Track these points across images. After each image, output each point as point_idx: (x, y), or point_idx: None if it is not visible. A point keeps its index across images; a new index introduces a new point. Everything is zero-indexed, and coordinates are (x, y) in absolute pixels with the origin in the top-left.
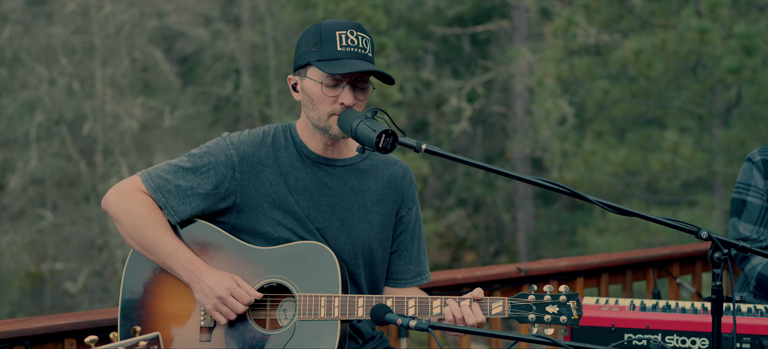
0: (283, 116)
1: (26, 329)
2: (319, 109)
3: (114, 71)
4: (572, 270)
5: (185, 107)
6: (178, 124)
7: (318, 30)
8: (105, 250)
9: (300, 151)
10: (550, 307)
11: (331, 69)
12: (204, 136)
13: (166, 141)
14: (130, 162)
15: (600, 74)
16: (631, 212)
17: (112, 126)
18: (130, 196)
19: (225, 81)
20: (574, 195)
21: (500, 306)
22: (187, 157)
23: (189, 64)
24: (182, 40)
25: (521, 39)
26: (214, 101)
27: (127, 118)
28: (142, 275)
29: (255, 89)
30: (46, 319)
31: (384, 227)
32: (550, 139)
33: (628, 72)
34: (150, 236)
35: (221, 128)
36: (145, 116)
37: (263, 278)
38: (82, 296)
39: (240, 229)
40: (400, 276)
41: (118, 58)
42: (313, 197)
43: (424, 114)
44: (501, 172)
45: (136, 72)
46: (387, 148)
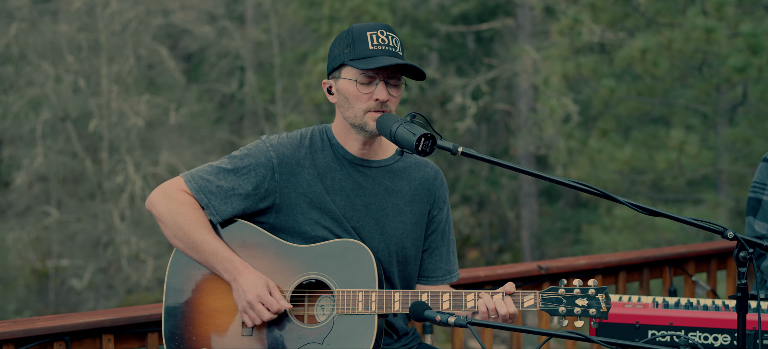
0: (288, 114)
1: (66, 326)
2: (354, 107)
3: (120, 69)
4: (591, 268)
5: (190, 105)
6: (183, 121)
7: (349, 33)
8: (110, 247)
9: (336, 152)
10: (580, 300)
11: (365, 65)
12: (209, 134)
13: (171, 138)
14: (136, 159)
15: (606, 73)
16: (659, 212)
17: (118, 123)
18: (174, 196)
19: (230, 78)
20: (604, 196)
21: (532, 299)
22: (228, 160)
23: (194, 62)
24: (187, 38)
25: (526, 37)
26: (218, 99)
27: (132, 115)
28: (185, 273)
29: (259, 86)
30: (85, 315)
31: (416, 226)
32: (555, 137)
33: (633, 70)
34: (193, 235)
35: (226, 126)
36: (150, 114)
37: (302, 274)
38: (88, 293)
39: (278, 228)
40: (431, 274)
41: (123, 56)
42: (348, 196)
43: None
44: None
45: (141, 69)
46: (426, 151)
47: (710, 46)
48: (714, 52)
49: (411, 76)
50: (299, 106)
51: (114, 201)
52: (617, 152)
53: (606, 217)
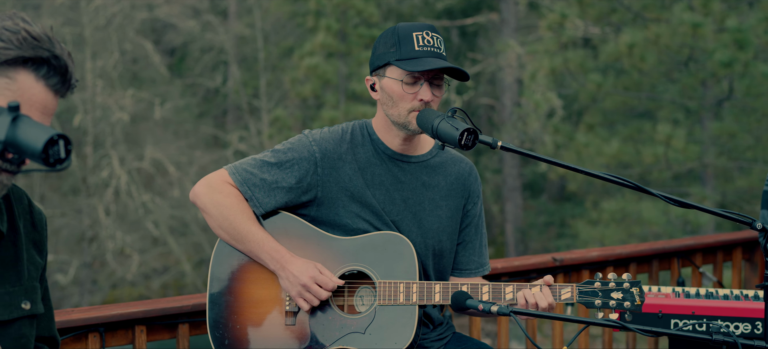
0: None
1: (100, 317)
2: (399, 106)
3: (104, 63)
4: (603, 260)
5: (174, 99)
6: (167, 115)
7: (395, 32)
8: (95, 242)
9: (377, 147)
10: (615, 293)
11: (412, 67)
12: (193, 128)
13: (156, 133)
14: (121, 154)
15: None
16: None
17: (103, 118)
18: (219, 188)
19: (214, 73)
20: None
21: (569, 292)
22: (272, 153)
23: (178, 56)
24: (171, 32)
25: (510, 32)
26: (202, 93)
27: (117, 110)
28: (229, 263)
29: (243, 81)
30: (119, 307)
31: (452, 220)
32: (539, 132)
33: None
34: (238, 225)
35: (210, 120)
36: (135, 108)
37: (345, 265)
38: (72, 288)
39: (320, 220)
40: (465, 267)
41: (108, 50)
42: (388, 191)
43: None
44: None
45: (126, 64)
46: (468, 145)
47: (697, 41)
48: (700, 47)
49: (454, 76)
50: (284, 100)
51: (99, 196)
52: (604, 146)
53: (592, 210)
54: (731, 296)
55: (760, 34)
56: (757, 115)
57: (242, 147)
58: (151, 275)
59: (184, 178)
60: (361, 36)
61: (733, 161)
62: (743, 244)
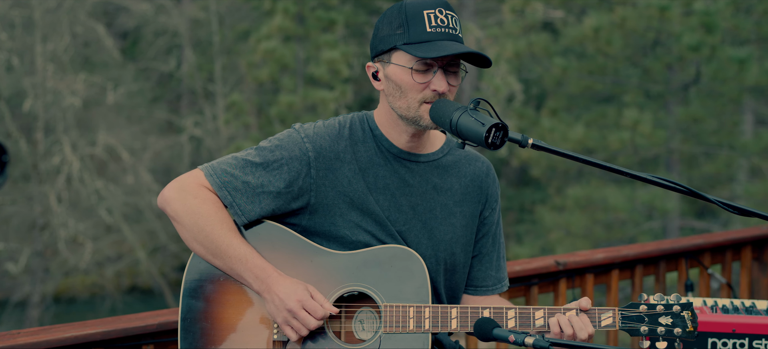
0: (229, 93)
1: (52, 341)
2: (408, 98)
3: (55, 46)
4: (609, 262)
5: (127, 83)
6: (120, 100)
7: (402, 10)
8: (47, 230)
9: (380, 145)
10: (663, 318)
11: (423, 52)
12: (147, 114)
13: (109, 118)
14: (73, 140)
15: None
16: (752, 211)
17: (54, 103)
18: (193, 192)
19: (167, 57)
20: (693, 195)
21: (610, 318)
22: (256, 151)
23: (131, 40)
24: (124, 15)
25: (469, 15)
26: (156, 77)
27: (68, 94)
28: (205, 283)
29: (198, 65)
30: (73, 327)
31: (467, 229)
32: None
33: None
34: (216, 238)
35: (163, 105)
36: (87, 93)
37: (343, 286)
38: (23, 277)
39: (313, 231)
40: (480, 283)
41: (58, 33)
42: (393, 196)
43: (370, 90)
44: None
45: (77, 47)
46: (496, 144)
47: (663, 24)
48: (667, 30)
49: (473, 62)
50: (240, 84)
51: (50, 183)
52: (569, 131)
53: (556, 197)
54: None
55: (728, 17)
56: (724, 100)
57: (197, 132)
58: (105, 263)
59: (138, 164)
60: (320, 19)
61: (699, 146)
62: (753, 242)
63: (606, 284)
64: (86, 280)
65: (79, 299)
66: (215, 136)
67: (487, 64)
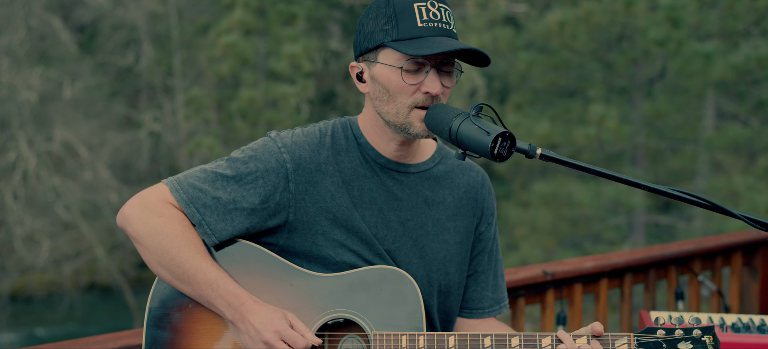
0: (189, 88)
1: None
2: (397, 102)
3: (10, 40)
4: (597, 271)
5: (85, 78)
6: (78, 95)
7: (389, 3)
8: (2, 227)
9: (365, 154)
10: (683, 344)
11: (415, 50)
12: (105, 109)
13: (66, 113)
14: (29, 135)
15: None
16: None
17: (9, 98)
18: (157, 210)
19: (125, 51)
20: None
21: (625, 344)
22: (228, 163)
23: (88, 33)
24: (80, 8)
25: None
26: (114, 72)
27: (24, 89)
28: (171, 311)
29: (157, 59)
30: None
31: (461, 246)
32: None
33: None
34: (183, 261)
35: (122, 100)
36: (43, 87)
37: (327, 312)
38: None
39: (292, 252)
40: (476, 305)
41: (13, 27)
42: (381, 211)
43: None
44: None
45: (32, 41)
46: (503, 156)
47: (629, 18)
48: (632, 25)
49: (470, 60)
50: (200, 79)
51: (6, 180)
52: (534, 126)
53: (522, 192)
54: None
55: (693, 12)
56: (689, 94)
57: (157, 127)
58: (62, 260)
59: (96, 160)
60: (281, 13)
61: (664, 141)
62: (743, 247)
63: (594, 294)
64: (43, 278)
65: (37, 298)
66: (175, 132)
67: (486, 62)
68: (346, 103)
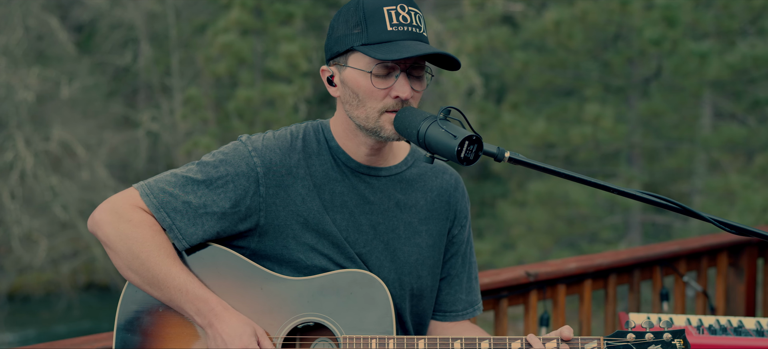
0: (186, 87)
1: None
2: (366, 106)
3: (7, 40)
4: (581, 272)
5: (83, 77)
6: (75, 95)
7: (360, 6)
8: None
9: (337, 158)
10: (653, 347)
11: (384, 54)
12: (103, 108)
13: (63, 113)
14: (26, 135)
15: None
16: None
17: (6, 97)
18: (127, 215)
19: (123, 50)
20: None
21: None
22: (198, 167)
23: (85, 33)
24: (78, 8)
25: (429, 8)
26: (112, 71)
27: (21, 89)
28: (142, 315)
29: (155, 59)
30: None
31: (434, 249)
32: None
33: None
34: (153, 266)
35: (120, 99)
36: (40, 87)
37: (297, 316)
38: None
39: (262, 255)
40: (449, 308)
41: (10, 26)
42: (352, 214)
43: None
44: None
45: (30, 41)
46: (470, 159)
47: (624, 18)
48: (628, 24)
49: (440, 64)
50: (197, 78)
51: (3, 179)
52: (530, 126)
53: (518, 191)
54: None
55: (688, 11)
56: (685, 94)
57: (154, 127)
58: (60, 260)
59: (94, 159)
60: (278, 12)
61: (661, 141)
62: (729, 248)
63: (578, 295)
64: (41, 277)
65: (34, 297)
66: (172, 131)
67: (455, 66)
68: None
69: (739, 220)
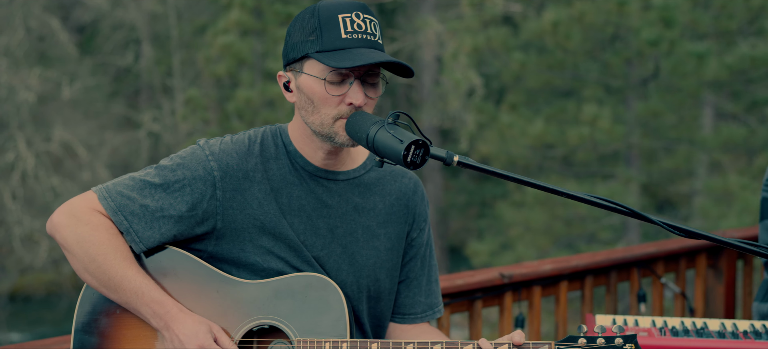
0: (187, 88)
1: None
2: (321, 113)
3: (8, 41)
4: (556, 274)
5: (84, 78)
6: (77, 95)
7: (315, 14)
8: (2, 227)
9: (294, 162)
10: None
11: (337, 61)
12: (104, 109)
13: (65, 113)
14: (27, 136)
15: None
16: (702, 234)
17: (7, 98)
18: (85, 218)
19: (125, 51)
20: (634, 215)
21: None
22: (156, 171)
23: (87, 34)
24: (79, 9)
25: (429, 8)
26: (113, 72)
27: (23, 89)
28: (99, 318)
29: (156, 59)
30: None
31: (392, 252)
32: (460, 111)
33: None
34: (109, 268)
35: (122, 100)
36: (42, 88)
37: (252, 319)
38: None
39: (220, 258)
40: (408, 310)
41: (12, 27)
42: (309, 218)
43: None
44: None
45: (31, 42)
46: (417, 163)
47: (622, 18)
48: (626, 25)
49: (394, 71)
50: (198, 79)
51: (5, 180)
52: (528, 127)
53: (517, 192)
54: (727, 332)
55: (686, 11)
56: (682, 94)
57: (156, 128)
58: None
59: (95, 160)
60: (278, 13)
61: (658, 141)
62: (708, 249)
63: (555, 296)
64: (43, 278)
65: (36, 298)
66: (173, 132)
67: (409, 74)
68: None
69: (737, 221)
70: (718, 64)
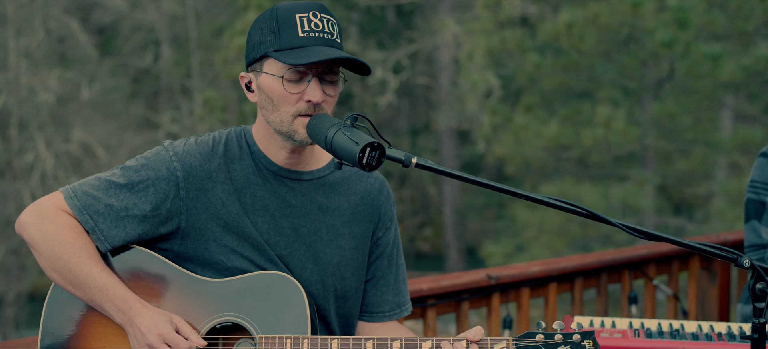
0: (205, 89)
1: None
2: (280, 111)
3: (28, 42)
4: (545, 275)
5: (103, 80)
6: (96, 97)
7: (273, 15)
8: None
9: (258, 162)
10: (562, 348)
11: (294, 59)
12: (123, 110)
13: (84, 114)
14: (47, 137)
15: (530, 47)
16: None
17: (28, 99)
18: (51, 217)
19: (144, 52)
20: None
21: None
22: (121, 171)
23: (107, 35)
24: (99, 10)
25: (447, 10)
26: (133, 73)
27: (43, 90)
28: (66, 315)
29: (175, 61)
30: None
31: (358, 251)
32: (477, 112)
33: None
34: (75, 266)
35: (141, 101)
36: (61, 89)
37: (215, 316)
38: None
39: (185, 257)
40: (376, 309)
41: (32, 29)
42: (273, 217)
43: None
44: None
45: (51, 43)
46: (372, 165)
47: (637, 20)
48: (640, 26)
49: (352, 69)
50: (216, 80)
51: (24, 180)
52: (543, 128)
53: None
54: (701, 334)
55: (701, 13)
56: (698, 96)
57: (174, 128)
58: None
59: (114, 161)
60: None
61: (674, 143)
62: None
63: (544, 298)
64: None
65: None
66: (192, 133)
67: (366, 71)
68: (363, 105)
69: None
70: (735, 66)
